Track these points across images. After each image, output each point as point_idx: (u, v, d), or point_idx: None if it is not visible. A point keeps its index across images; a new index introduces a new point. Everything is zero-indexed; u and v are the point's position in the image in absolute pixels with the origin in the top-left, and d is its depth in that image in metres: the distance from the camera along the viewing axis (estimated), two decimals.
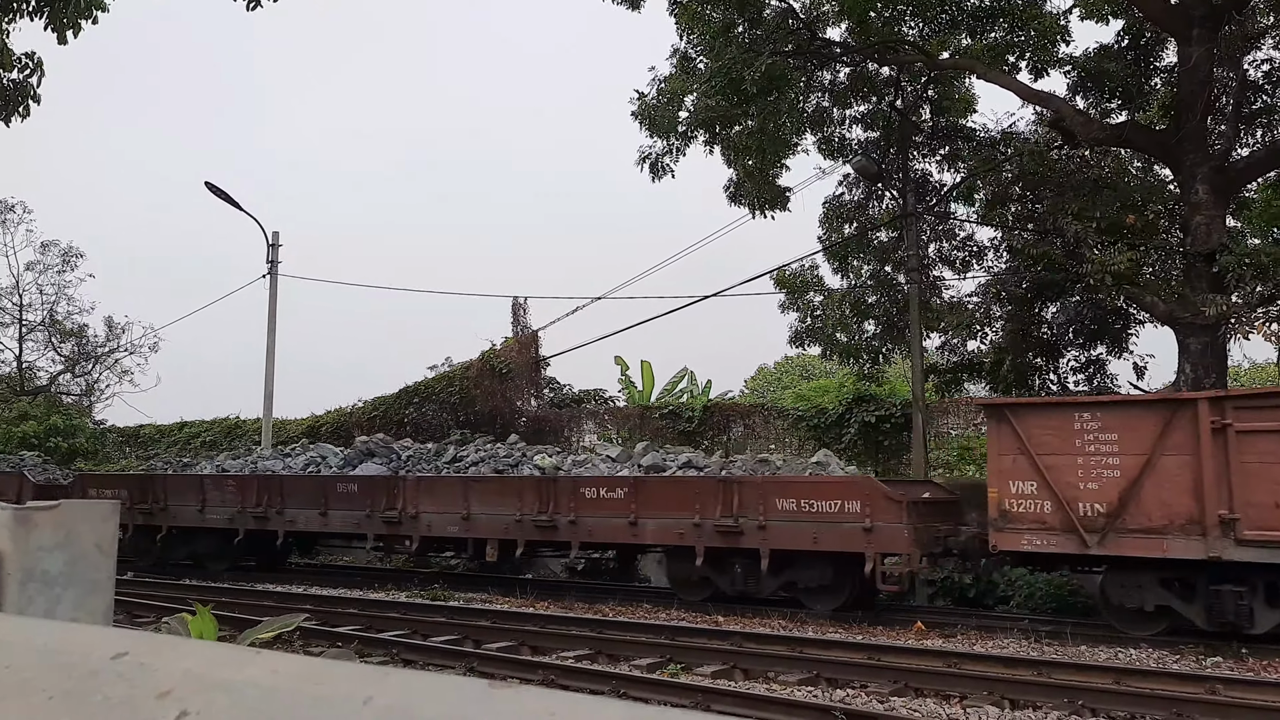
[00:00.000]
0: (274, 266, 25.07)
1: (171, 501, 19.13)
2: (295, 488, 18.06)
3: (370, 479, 17.39)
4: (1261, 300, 15.16)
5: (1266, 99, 17.85)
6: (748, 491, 13.76)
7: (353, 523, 17.11)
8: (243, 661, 1.37)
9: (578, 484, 15.13)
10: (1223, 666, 9.96)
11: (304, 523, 17.66)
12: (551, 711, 1.04)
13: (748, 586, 14.07)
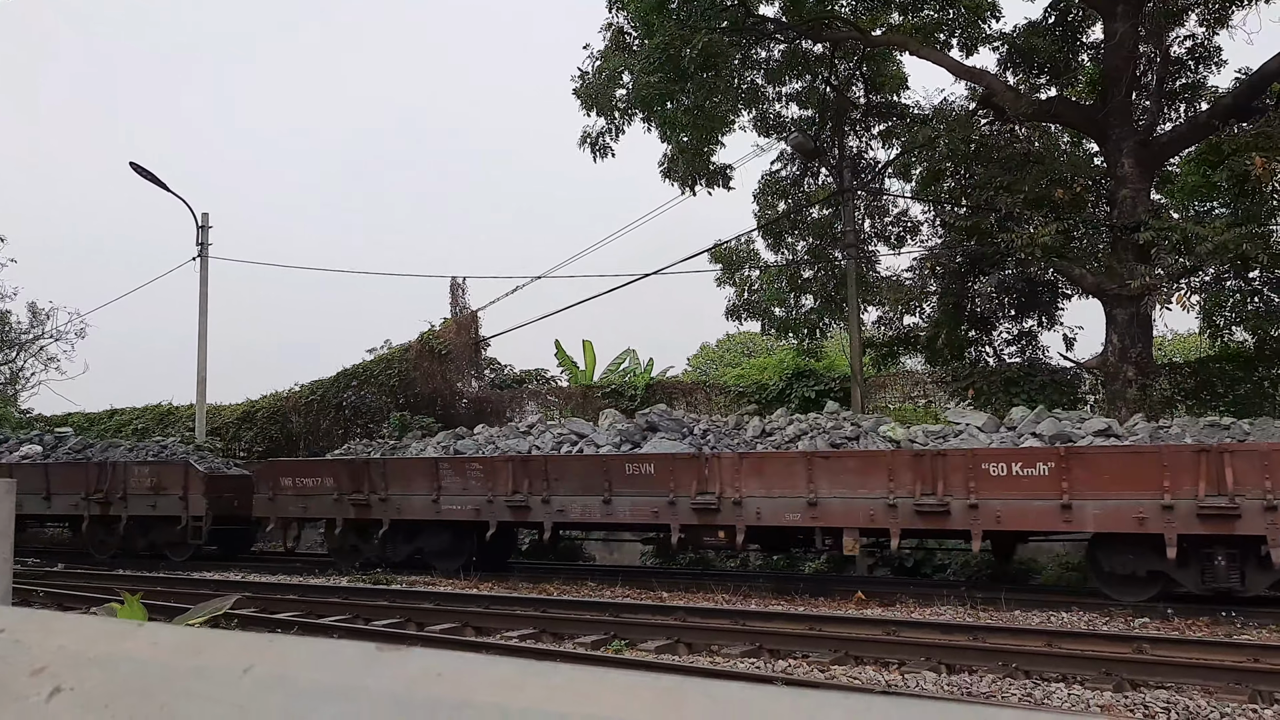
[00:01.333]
0: (204, 249, 24.53)
1: (394, 490, 16.13)
2: (566, 470, 14.88)
3: (671, 457, 14.17)
4: (1183, 272, 15.56)
5: (1189, 75, 18.26)
6: (1242, 462, 11.06)
7: (648, 511, 14.04)
8: (121, 635, 1.33)
9: (978, 457, 12.34)
10: (1150, 627, 10.25)
11: (580, 512, 14.66)
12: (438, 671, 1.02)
13: (1231, 582, 11.46)
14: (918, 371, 21.65)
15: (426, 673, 1.03)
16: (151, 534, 18.80)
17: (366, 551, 16.66)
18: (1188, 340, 26.84)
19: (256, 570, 17.15)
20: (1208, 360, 18.09)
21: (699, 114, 18.93)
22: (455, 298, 25.15)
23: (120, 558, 18.89)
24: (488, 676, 1.02)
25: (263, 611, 11.68)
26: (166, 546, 18.77)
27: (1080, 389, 18.25)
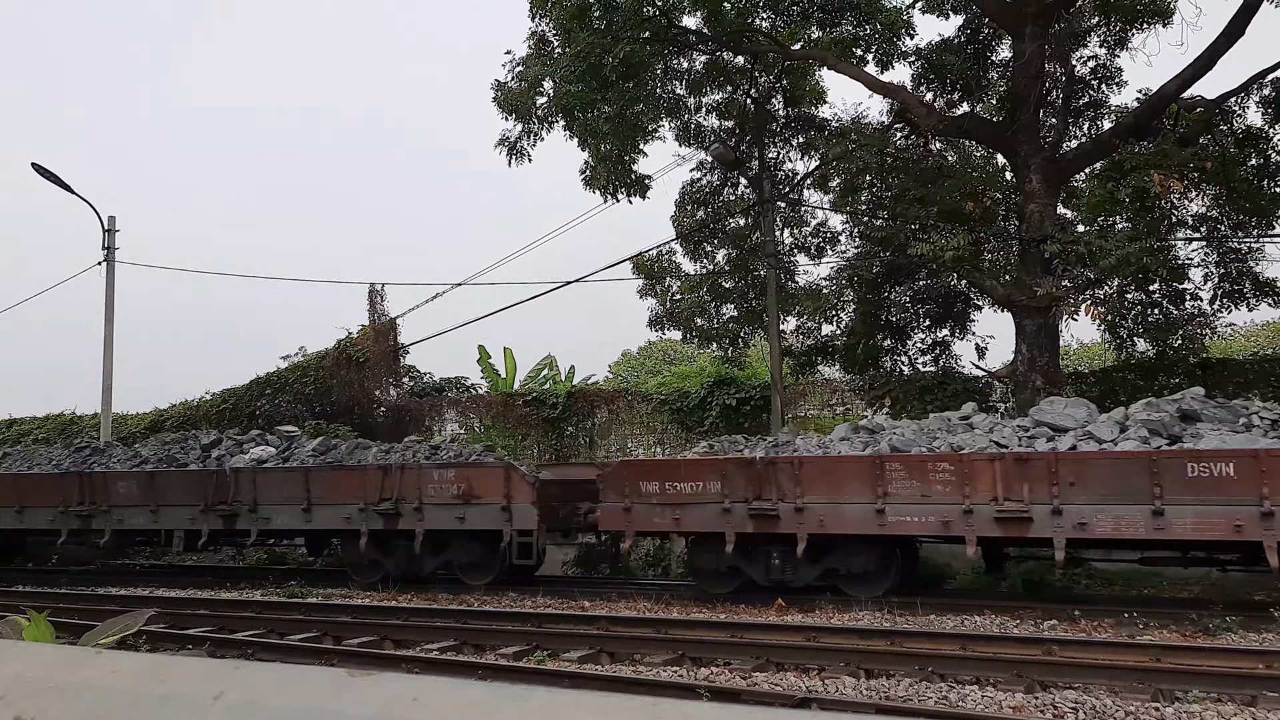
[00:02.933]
0: (110, 253, 23.76)
1: (812, 497, 12.80)
2: (1088, 470, 11.55)
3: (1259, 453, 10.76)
4: (1088, 284, 16.12)
5: (1092, 94, 18.97)
6: None
7: (1224, 525, 10.76)
8: (80, 662, 1.29)
9: None
10: (1058, 629, 10.57)
11: (1111, 526, 11.33)
12: (414, 695, 1.02)
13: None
14: (836, 380, 22.03)
15: (401, 697, 1.03)
16: (451, 552, 15.46)
17: (752, 573, 13.66)
18: (1092, 350, 27.79)
19: (166, 585, 16.64)
20: (1111, 370, 18.77)
21: (620, 123, 18.99)
22: (374, 304, 24.82)
23: (398, 582, 15.49)
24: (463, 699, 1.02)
25: (172, 627, 11.35)
26: (469, 569, 15.39)
27: (991, 397, 18.77)
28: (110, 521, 17.07)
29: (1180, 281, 16.86)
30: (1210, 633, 10.05)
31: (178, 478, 16.97)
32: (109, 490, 17.09)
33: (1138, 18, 18.40)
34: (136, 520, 16.98)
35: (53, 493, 17.58)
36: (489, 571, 15.22)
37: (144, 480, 16.98)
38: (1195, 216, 17.78)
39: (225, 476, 16.33)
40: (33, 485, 18.02)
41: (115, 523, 17.04)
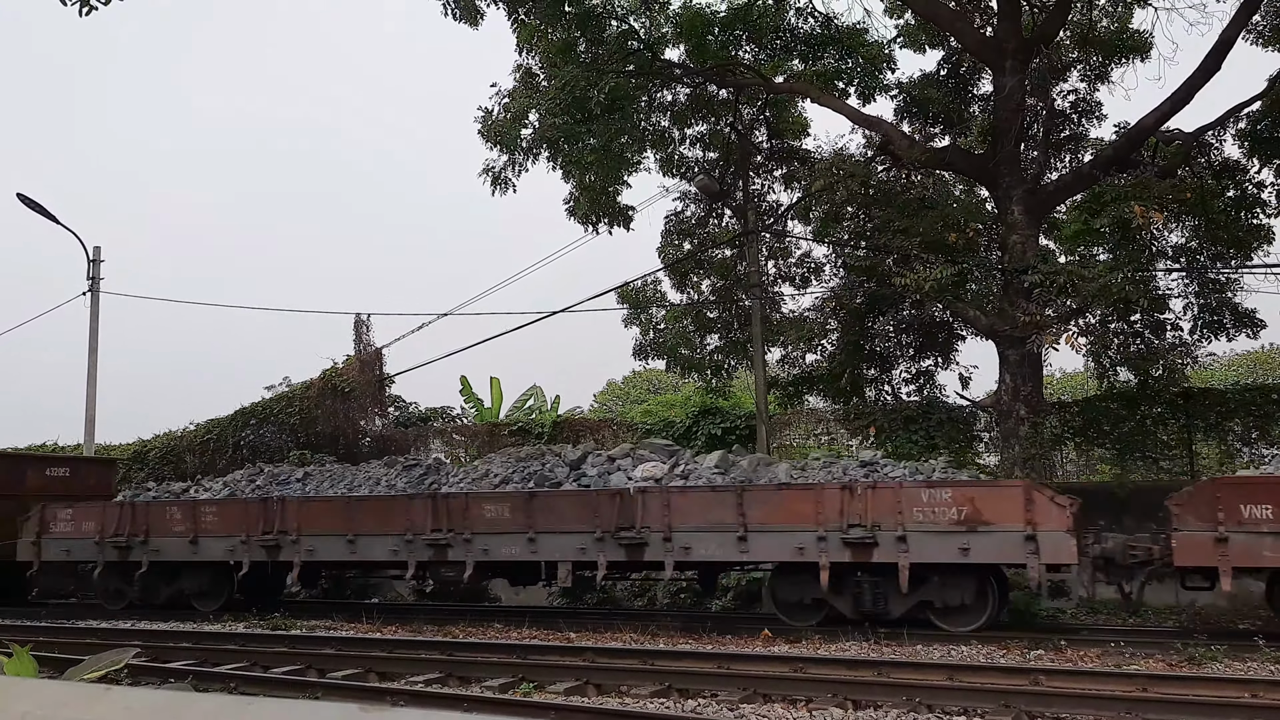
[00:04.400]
0: (95, 284, 23.67)
1: None
2: None
3: None
4: (1070, 314, 16.29)
5: (1073, 127, 19.25)
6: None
7: None
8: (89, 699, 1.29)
9: None
10: (1045, 658, 10.58)
11: None
12: None
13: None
14: (820, 409, 22.10)
15: None
16: (929, 590, 12.45)
17: None
18: (1074, 379, 27.99)
19: (148, 618, 16.44)
20: (1094, 399, 18.91)
21: (604, 154, 19.14)
22: (359, 334, 24.75)
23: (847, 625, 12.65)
24: None
25: (155, 661, 11.21)
26: (950, 612, 12.47)
27: (975, 427, 18.87)
28: (472, 552, 14.15)
29: (1161, 311, 17.05)
30: (1196, 661, 10.08)
31: (565, 500, 14.02)
32: (470, 515, 14.21)
33: (1116, 53, 18.73)
34: (508, 549, 14.10)
35: (397, 518, 14.78)
36: (977, 615, 12.41)
37: (519, 503, 14.01)
38: (1175, 247, 18.05)
39: (629, 498, 13.35)
40: (370, 511, 15.12)
41: (479, 553, 14.14)
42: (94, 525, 16.64)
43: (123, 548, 16.37)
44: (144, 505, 16.70)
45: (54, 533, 16.89)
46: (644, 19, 19.59)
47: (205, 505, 16.25)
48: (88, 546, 16.70)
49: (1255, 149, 17.57)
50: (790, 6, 19.82)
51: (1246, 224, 17.69)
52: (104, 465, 20.95)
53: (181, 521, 16.14)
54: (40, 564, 17.09)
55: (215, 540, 15.86)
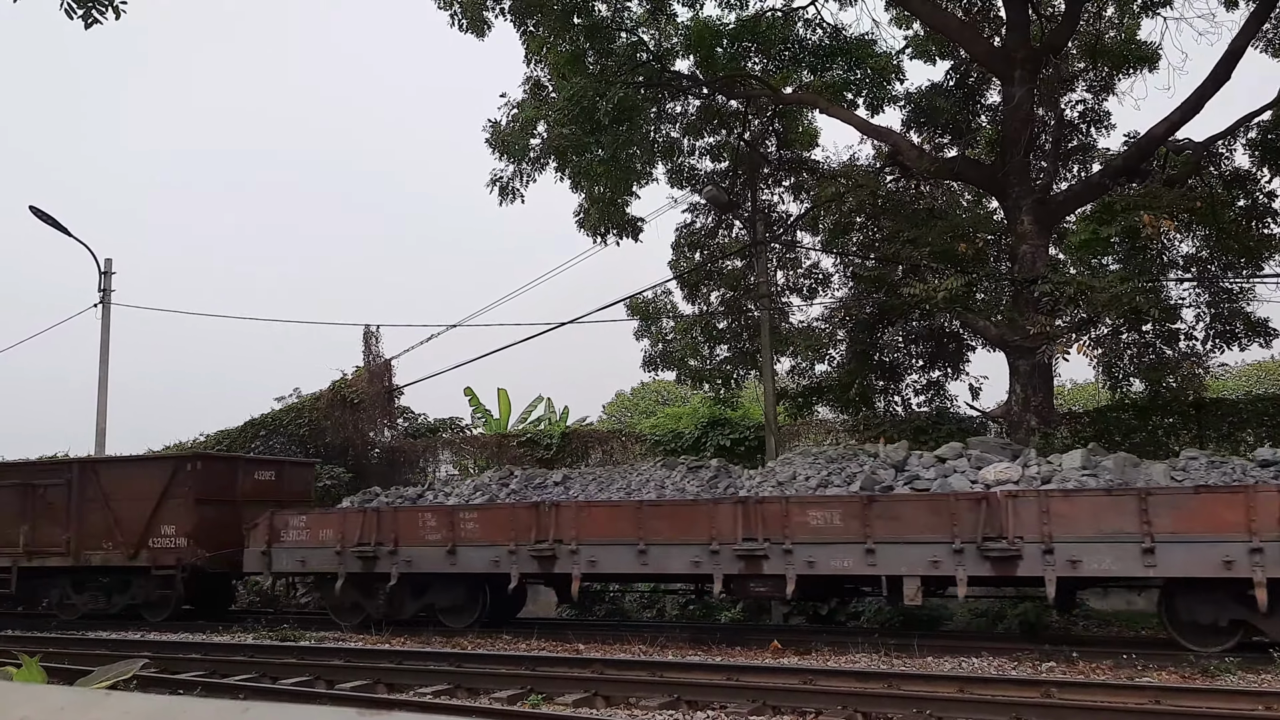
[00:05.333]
0: (106, 295, 23.78)
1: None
2: None
3: None
4: (1081, 324, 16.24)
5: (1082, 137, 19.22)
6: None
7: None
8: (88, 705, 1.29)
9: None
10: (1056, 670, 10.51)
11: None
12: None
13: None
14: (830, 420, 22.04)
15: None
16: None
17: None
18: (1086, 389, 27.88)
19: (158, 628, 16.47)
20: (1106, 410, 18.82)
21: (613, 165, 19.17)
22: (368, 346, 24.81)
23: None
24: None
25: (164, 672, 11.22)
26: None
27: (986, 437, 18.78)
28: (793, 564, 12.51)
29: (1173, 321, 16.98)
30: (1209, 674, 10.00)
31: (912, 506, 12.36)
32: (790, 522, 12.56)
33: (1124, 63, 18.72)
34: (839, 562, 12.41)
35: (700, 525, 13.12)
36: None
37: (854, 508, 12.37)
38: (1185, 257, 17.98)
39: (995, 503, 11.79)
40: (665, 516, 13.36)
41: (802, 566, 12.49)
42: (333, 533, 15.23)
43: (368, 558, 14.90)
44: (392, 512, 15.23)
45: (286, 541, 15.54)
46: (653, 31, 19.65)
47: (465, 511, 14.66)
48: (326, 556, 15.24)
49: (1266, 158, 17.52)
50: (799, 18, 19.86)
51: (1257, 233, 17.62)
52: (305, 468, 19.65)
53: (437, 529, 14.56)
54: (271, 575, 16.31)
55: (477, 550, 14.28)
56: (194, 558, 16.25)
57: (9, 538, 17.46)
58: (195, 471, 16.73)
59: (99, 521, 16.96)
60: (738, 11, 19.62)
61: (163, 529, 16.50)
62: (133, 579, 17.07)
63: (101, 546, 16.93)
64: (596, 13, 18.73)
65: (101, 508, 16.99)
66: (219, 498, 16.81)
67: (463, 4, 18.14)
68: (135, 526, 16.63)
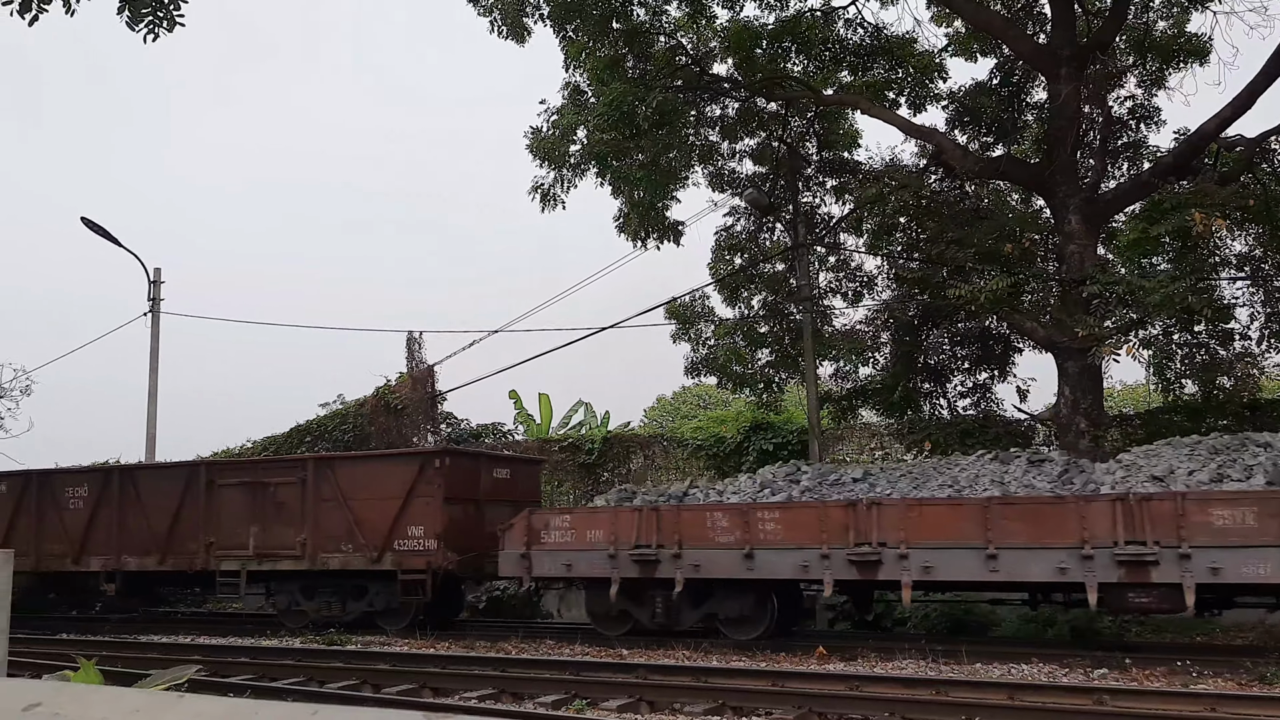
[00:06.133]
0: (155, 304, 24.20)
1: None
2: None
3: None
4: (1131, 325, 15.96)
5: (1130, 134, 18.90)
6: None
7: None
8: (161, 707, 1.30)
9: None
10: (1109, 677, 10.33)
11: None
12: None
13: None
14: (874, 424, 21.86)
15: None
16: None
17: None
18: (1137, 392, 27.40)
19: (207, 632, 16.70)
20: (1157, 412, 18.47)
21: (653, 170, 19.16)
22: (411, 352, 25.03)
23: None
24: None
25: (214, 675, 11.37)
26: None
27: (1034, 440, 18.53)
28: (1191, 571, 10.91)
29: (1226, 321, 16.61)
30: (1267, 681, 9.77)
31: None
32: (1187, 522, 10.98)
33: (1174, 58, 18.39)
34: (1253, 568, 10.71)
35: (1067, 527, 11.61)
36: None
37: (1273, 507, 10.70)
38: (1238, 256, 17.60)
39: None
40: (1020, 516, 11.96)
41: (1203, 573, 10.89)
42: (604, 534, 14.01)
43: (648, 561, 13.64)
44: (674, 510, 13.95)
45: (547, 543, 14.34)
46: (691, 34, 19.63)
47: (763, 510, 13.29)
48: (596, 559, 14.01)
49: None
50: (839, 17, 19.74)
51: None
52: (534, 466, 18.89)
53: (729, 530, 13.22)
54: (531, 580, 14.77)
55: (779, 554, 12.89)
56: (444, 561, 15.10)
57: (236, 539, 16.52)
58: (443, 468, 15.50)
59: (337, 522, 15.93)
60: (777, 12, 19.53)
61: (409, 530, 15.38)
62: (369, 584, 16.08)
63: (340, 549, 15.85)
64: (635, 17, 18.75)
65: (339, 507, 15.93)
66: (463, 496, 15.79)
67: (503, 10, 18.24)
68: (378, 527, 15.58)
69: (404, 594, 15.49)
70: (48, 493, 18.31)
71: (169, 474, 17.94)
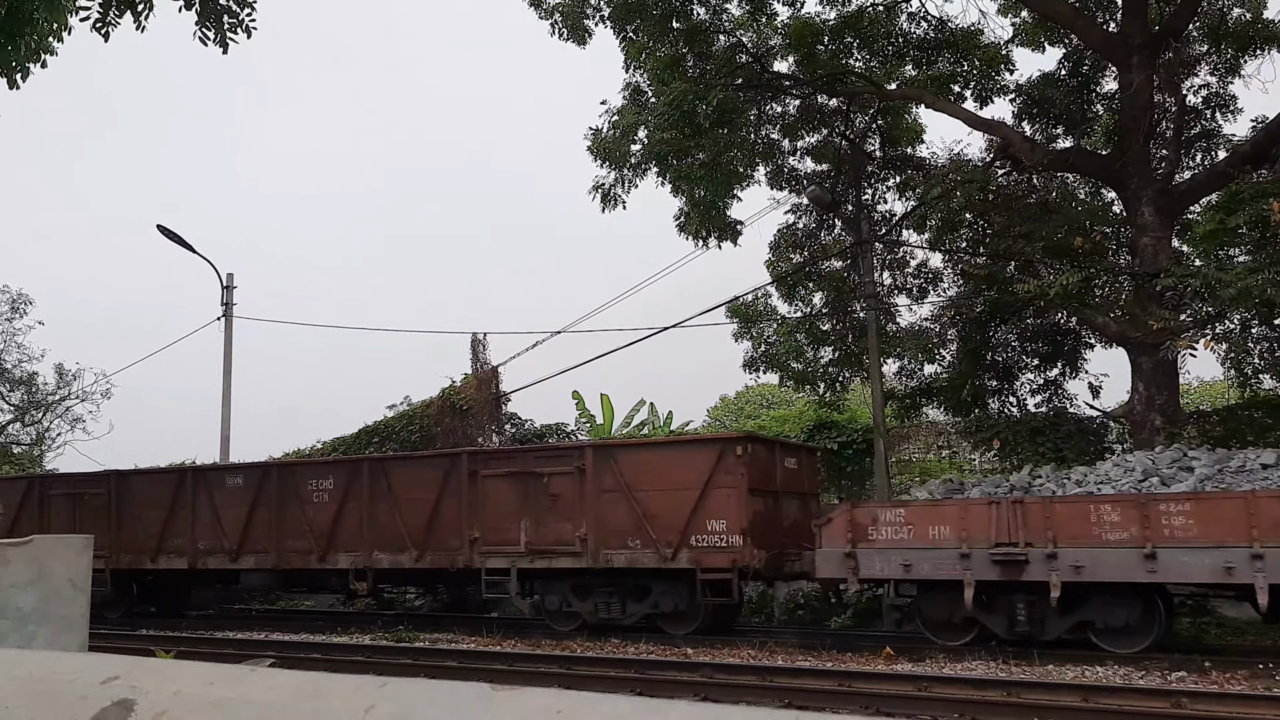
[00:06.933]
0: (229, 309, 24.79)
1: None
2: None
3: None
4: (1208, 319, 15.53)
5: (1205, 123, 18.40)
6: None
7: None
8: (236, 679, 1.34)
9: None
10: (1188, 680, 10.06)
11: None
12: (558, 709, 1.03)
13: None
14: (941, 422, 21.56)
15: (545, 711, 1.04)
16: None
17: None
18: (1214, 388, 26.66)
19: (280, 629, 17.06)
20: (1236, 408, 17.95)
21: (714, 169, 19.12)
22: (476, 353, 25.29)
23: None
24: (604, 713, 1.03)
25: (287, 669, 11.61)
26: None
27: (1107, 438, 18.12)
28: None
29: None
30: None
31: None
32: None
33: (1250, 44, 17.87)
34: None
35: None
36: None
37: None
38: None
39: None
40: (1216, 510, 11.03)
41: None
42: (951, 530, 12.39)
43: (1013, 562, 11.95)
44: (1043, 503, 12.17)
45: (876, 540, 12.80)
46: (752, 32, 19.56)
47: (1170, 503, 11.39)
48: (943, 559, 12.37)
49: None
50: (902, 11, 19.52)
51: None
52: (813, 455, 17.15)
53: (1122, 525, 11.46)
54: (858, 582, 13.20)
55: (1190, 553, 11.04)
56: (752, 560, 13.55)
57: (505, 535, 15.14)
58: (745, 456, 13.92)
59: (621, 516, 14.37)
60: (839, 8, 19.38)
61: (710, 525, 13.84)
62: (654, 584, 14.59)
63: (626, 545, 14.29)
64: (695, 16, 18.74)
65: (624, 499, 14.38)
66: (763, 488, 14.30)
67: (564, 13, 18.37)
68: (671, 522, 14.01)
69: (705, 595, 13.99)
70: (289, 485, 17.10)
71: (425, 464, 16.60)
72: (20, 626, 2.94)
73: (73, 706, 1.46)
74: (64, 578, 3.05)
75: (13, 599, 2.92)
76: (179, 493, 17.93)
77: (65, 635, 3.00)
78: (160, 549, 17.90)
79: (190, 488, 17.85)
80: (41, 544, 3.01)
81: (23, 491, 19.58)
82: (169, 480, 18.61)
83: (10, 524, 18.76)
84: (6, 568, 2.83)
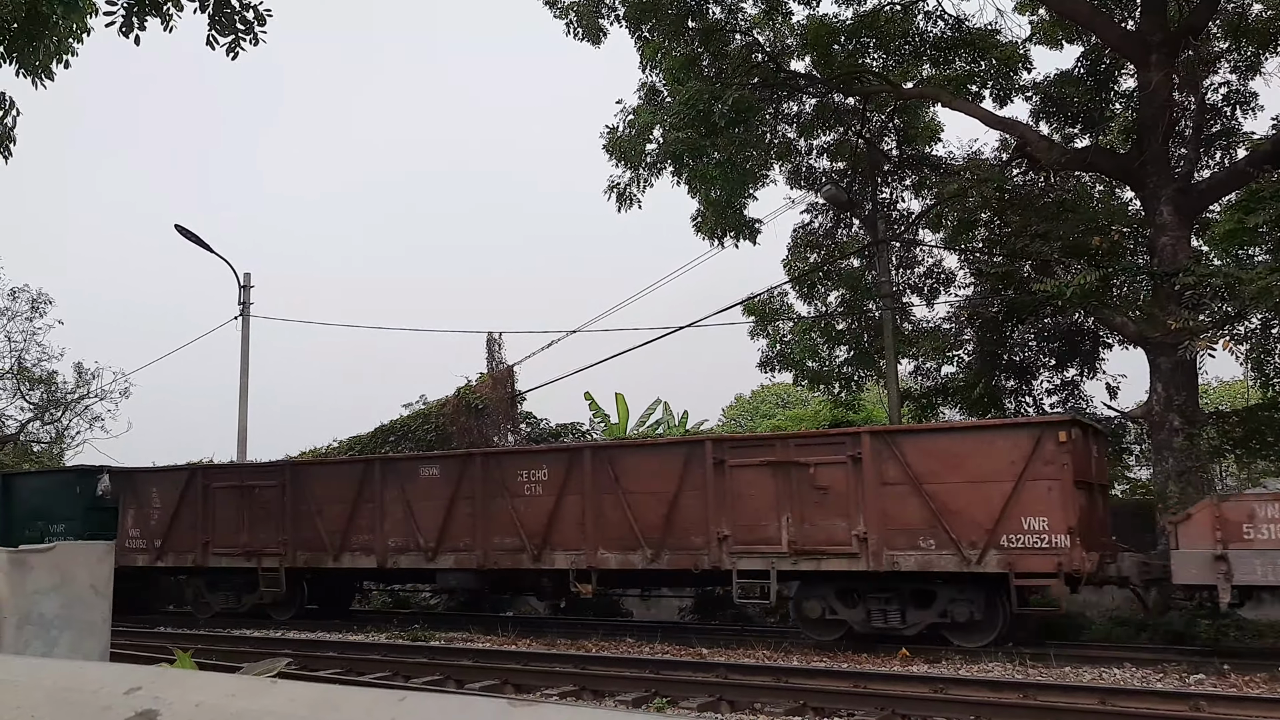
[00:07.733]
0: (246, 309, 24.92)
1: None
2: None
3: None
4: (1228, 319, 15.41)
5: (1225, 121, 18.25)
6: None
7: None
8: (257, 692, 1.35)
9: None
10: (1206, 683, 9.99)
11: None
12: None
13: None
14: None
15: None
16: None
17: None
18: (1234, 388, 26.47)
19: (296, 628, 17.13)
20: (1256, 408, 17.81)
21: (730, 168, 19.07)
22: (491, 352, 25.33)
23: None
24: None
25: (303, 669, 11.67)
26: None
27: (1125, 439, 18.01)
28: None
29: None
30: None
31: None
32: None
33: (1271, 42, 17.69)
34: None
35: None
36: None
37: None
38: None
39: None
40: None
41: None
42: None
43: None
44: None
45: (1255, 541, 11.32)
46: (768, 31, 19.52)
47: None
48: None
49: None
50: (919, 10, 19.44)
51: None
52: (1103, 438, 14.84)
53: None
54: (1231, 590, 11.49)
55: None
56: (1081, 563, 11.81)
57: (760, 533, 13.47)
58: (1068, 443, 12.07)
59: (909, 512, 12.66)
60: (855, 7, 19.32)
61: (1026, 522, 12.03)
62: (940, 589, 12.84)
63: (917, 546, 12.56)
64: (710, 15, 18.71)
65: (913, 493, 12.67)
66: (1084, 480, 12.54)
67: (579, 12, 18.37)
68: (977, 519, 12.24)
69: (1018, 603, 12.34)
70: (494, 477, 15.54)
71: (661, 453, 14.86)
72: (43, 632, 2.97)
73: (97, 717, 1.47)
74: (86, 583, 3.08)
75: (36, 605, 2.94)
76: (364, 485, 16.47)
77: (88, 641, 3.02)
78: (344, 546, 16.47)
79: (378, 479, 16.34)
80: (64, 550, 3.04)
81: (183, 483, 18.10)
82: (352, 472, 16.99)
83: (169, 519, 17.86)
84: (30, 574, 2.86)
